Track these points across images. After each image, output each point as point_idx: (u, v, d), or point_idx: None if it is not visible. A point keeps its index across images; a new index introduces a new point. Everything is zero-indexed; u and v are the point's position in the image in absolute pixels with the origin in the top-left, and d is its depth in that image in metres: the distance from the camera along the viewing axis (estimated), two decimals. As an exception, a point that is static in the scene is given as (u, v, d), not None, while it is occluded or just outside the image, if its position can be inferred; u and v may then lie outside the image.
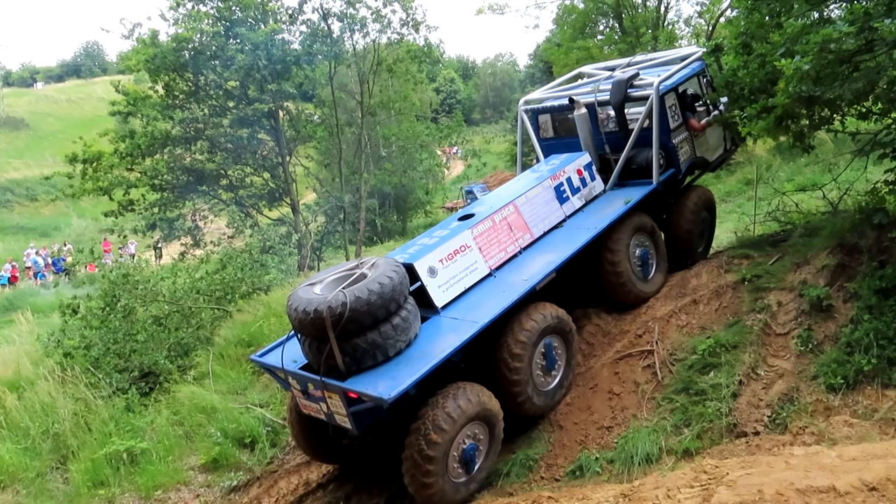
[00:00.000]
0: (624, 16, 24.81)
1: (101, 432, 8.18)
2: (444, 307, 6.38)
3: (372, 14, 20.90)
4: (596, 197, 8.13)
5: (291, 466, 7.32)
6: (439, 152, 35.12)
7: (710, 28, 24.10)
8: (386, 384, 5.30)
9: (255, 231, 17.73)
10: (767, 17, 7.13)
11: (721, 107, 8.61)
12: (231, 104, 21.13)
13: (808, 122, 7.10)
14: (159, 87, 20.37)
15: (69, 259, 26.86)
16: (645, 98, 8.05)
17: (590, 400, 6.69)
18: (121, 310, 10.47)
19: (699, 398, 6.16)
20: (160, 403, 8.84)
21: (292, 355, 6.06)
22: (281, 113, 22.07)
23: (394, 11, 21.26)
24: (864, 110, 6.93)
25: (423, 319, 6.18)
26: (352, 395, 5.41)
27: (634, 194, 7.84)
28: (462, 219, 7.26)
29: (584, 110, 8.30)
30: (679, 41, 25.74)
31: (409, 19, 21.77)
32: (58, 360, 9.87)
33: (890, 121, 6.88)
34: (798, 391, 5.92)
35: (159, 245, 25.53)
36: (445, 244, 6.66)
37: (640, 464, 5.71)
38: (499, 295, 6.38)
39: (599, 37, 27.57)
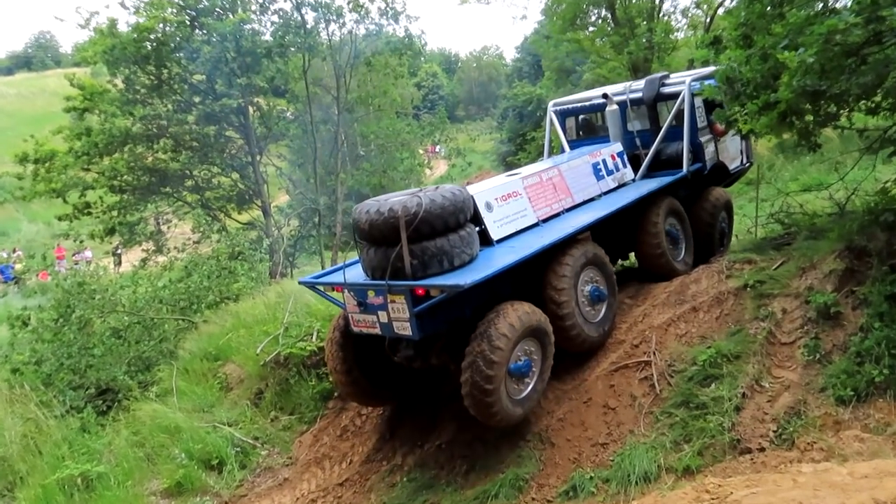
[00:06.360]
0: (617, 6, 24.98)
1: (52, 455, 8.04)
2: (499, 241, 7.01)
3: (349, 3, 20.92)
4: (626, 184, 8.92)
5: (262, 490, 7.25)
6: (421, 151, 35.13)
7: (709, 19, 24.36)
8: (458, 279, 5.86)
9: (223, 236, 17.56)
10: (769, 7, 7.16)
11: None
12: (197, 99, 21.03)
13: (813, 119, 7.13)
14: (118, 81, 20.24)
15: (18, 266, 26.51)
16: (676, 95, 8.97)
17: (583, 415, 6.68)
18: (76, 321, 10.38)
19: (700, 412, 6.17)
20: (119, 423, 8.73)
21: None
22: (251, 109, 22.01)
23: (372, 0, 21.32)
24: (872, 105, 6.96)
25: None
26: (419, 291, 5.91)
27: (666, 179, 8.74)
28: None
29: (615, 106, 9.21)
30: (675, 32, 25.97)
31: (388, 9, 21.86)
32: (5, 377, 9.77)
33: (900, 117, 6.94)
34: (805, 404, 5.94)
35: (119, 251, 25.28)
36: (500, 185, 7.48)
37: (637, 483, 5.71)
38: (548, 236, 6.98)
39: (591, 28, 27.75)
